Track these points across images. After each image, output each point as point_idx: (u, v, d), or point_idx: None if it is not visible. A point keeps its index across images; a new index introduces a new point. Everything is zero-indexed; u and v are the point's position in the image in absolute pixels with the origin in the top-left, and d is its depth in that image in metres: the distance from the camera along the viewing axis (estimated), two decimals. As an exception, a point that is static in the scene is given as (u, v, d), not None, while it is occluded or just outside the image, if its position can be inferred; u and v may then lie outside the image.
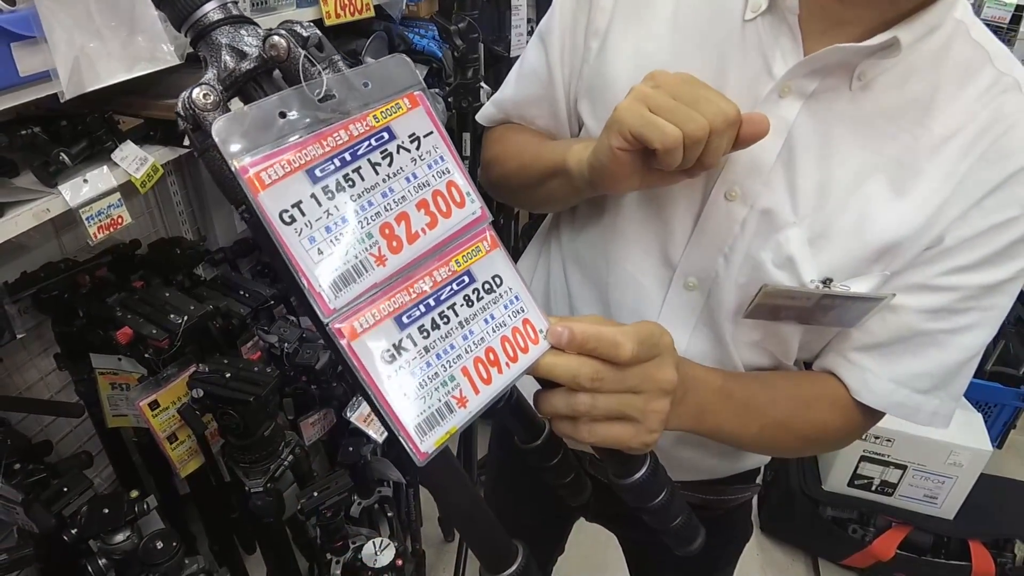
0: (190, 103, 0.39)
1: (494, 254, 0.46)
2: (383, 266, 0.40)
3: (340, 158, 0.40)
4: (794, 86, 0.60)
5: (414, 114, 0.43)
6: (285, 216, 0.37)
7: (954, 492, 1.89)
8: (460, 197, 0.45)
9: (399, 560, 1.24)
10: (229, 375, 1.07)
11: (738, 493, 0.91)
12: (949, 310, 0.63)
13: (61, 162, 0.92)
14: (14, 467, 1.12)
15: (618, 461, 0.53)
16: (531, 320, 0.47)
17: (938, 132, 0.59)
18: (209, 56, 0.42)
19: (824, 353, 0.71)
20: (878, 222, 0.61)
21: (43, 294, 1.21)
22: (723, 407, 0.62)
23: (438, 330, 0.42)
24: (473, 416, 0.43)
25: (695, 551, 0.56)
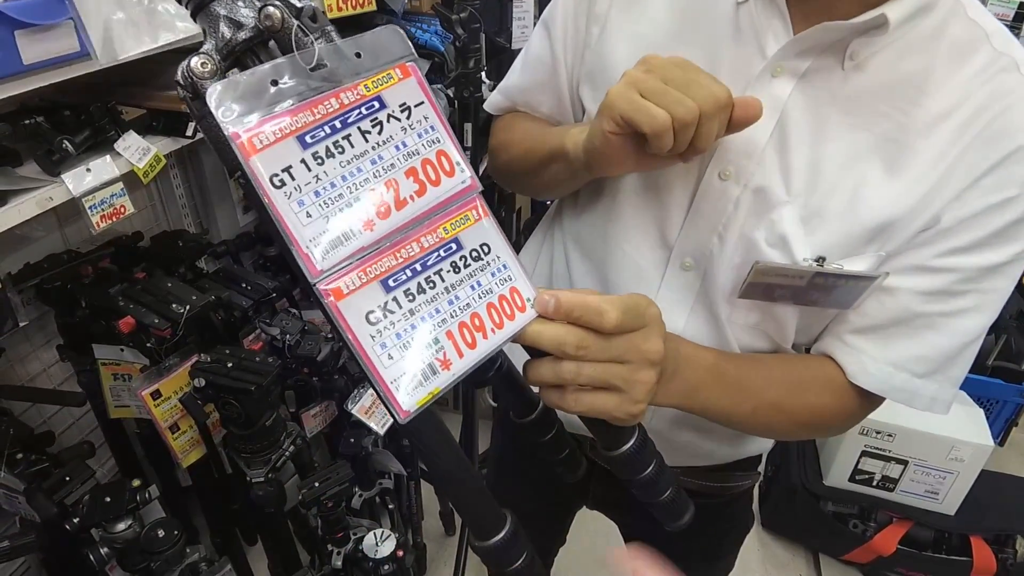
0: (189, 72, 0.40)
1: (483, 223, 0.47)
2: (371, 231, 0.42)
3: (330, 125, 0.41)
4: (787, 66, 0.61)
5: (405, 84, 0.44)
6: (275, 180, 0.39)
7: (955, 488, 1.88)
8: (450, 166, 0.46)
9: (400, 551, 1.25)
10: (231, 365, 1.08)
11: (739, 480, 0.91)
12: (947, 292, 0.62)
13: (64, 150, 0.93)
14: (16, 457, 1.13)
15: (606, 433, 0.54)
16: (518, 288, 0.48)
17: (933, 111, 0.59)
18: (208, 27, 0.43)
19: (822, 337, 0.71)
20: (871, 201, 0.61)
21: (46, 285, 1.22)
22: (715, 385, 0.62)
23: (424, 294, 0.44)
24: (456, 378, 0.44)
25: (684, 525, 0.57)
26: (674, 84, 0.52)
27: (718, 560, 1.04)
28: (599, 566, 1.96)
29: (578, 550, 1.96)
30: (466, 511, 0.48)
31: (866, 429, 1.86)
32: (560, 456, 0.60)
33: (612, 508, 1.04)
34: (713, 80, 0.53)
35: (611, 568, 1.58)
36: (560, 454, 0.59)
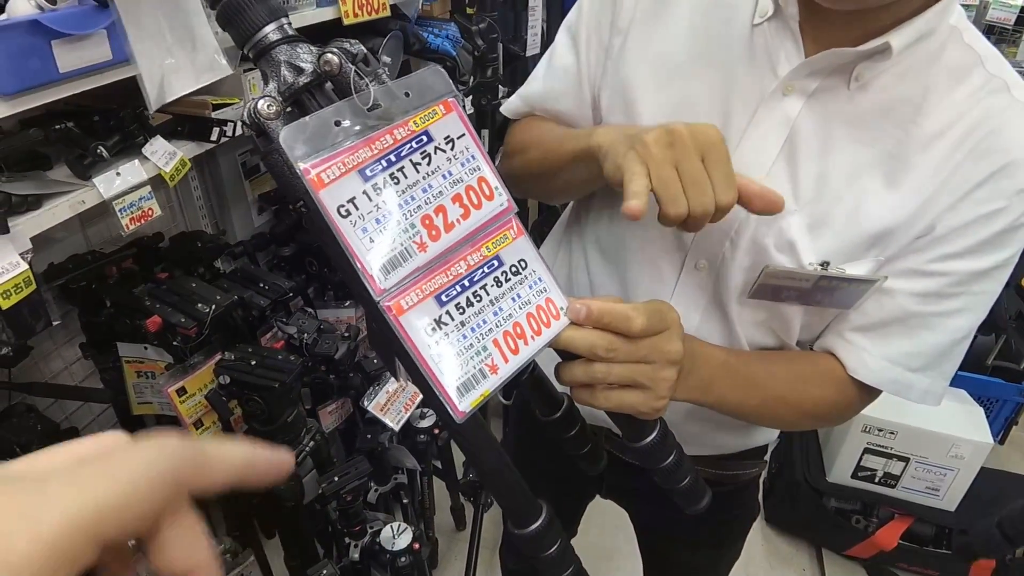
0: (255, 112, 0.45)
1: (519, 241, 0.51)
2: (424, 252, 0.46)
3: (386, 159, 0.45)
4: (797, 85, 0.65)
5: (449, 119, 0.49)
6: (342, 210, 0.43)
7: (956, 484, 1.91)
8: (489, 191, 0.50)
9: (416, 544, 1.28)
10: (255, 362, 1.11)
11: (746, 469, 0.96)
12: (940, 294, 0.67)
13: (99, 155, 0.96)
14: (43, 452, 1.15)
15: (631, 426, 0.58)
16: (552, 299, 0.53)
17: (930, 129, 0.64)
18: (269, 71, 0.48)
19: (824, 334, 0.76)
20: (872, 211, 0.66)
21: (71, 285, 1.25)
22: (726, 380, 0.67)
23: (472, 307, 0.48)
24: (503, 382, 0.49)
25: (703, 509, 0.61)
26: (686, 179, 0.54)
27: (725, 547, 1.08)
28: (608, 559, 1.99)
29: (587, 543, 1.99)
30: (506, 502, 0.52)
31: (868, 427, 1.89)
32: (583, 451, 0.63)
33: (624, 496, 1.08)
34: (725, 182, 0.55)
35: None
36: (583, 448, 0.63)
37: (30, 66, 0.88)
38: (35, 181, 0.97)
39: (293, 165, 0.42)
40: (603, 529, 2.03)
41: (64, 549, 0.20)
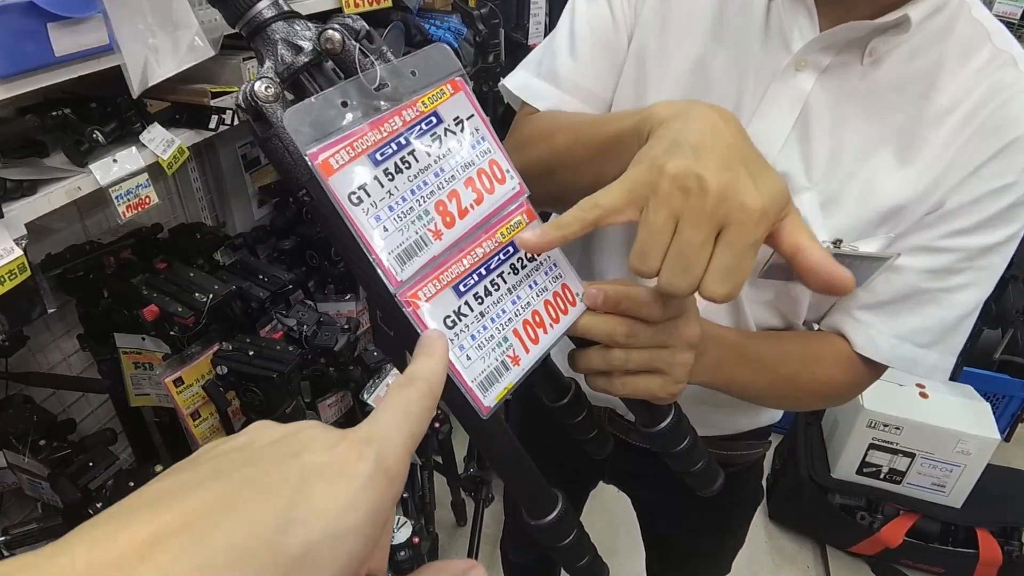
0: (252, 95, 0.41)
1: (532, 225, 0.49)
2: (439, 240, 0.43)
3: (396, 142, 0.42)
4: (810, 60, 0.64)
5: (457, 98, 0.46)
6: (353, 198, 0.40)
7: (962, 480, 1.90)
8: (501, 174, 0.48)
9: (416, 538, 1.27)
10: (252, 353, 1.10)
11: (749, 449, 0.95)
12: (948, 270, 0.67)
13: (95, 140, 0.95)
14: (39, 443, 1.14)
15: (647, 412, 0.56)
16: (568, 285, 0.50)
17: (941, 104, 0.63)
18: (265, 50, 0.45)
19: (831, 313, 0.75)
20: (884, 188, 0.65)
21: (68, 275, 1.24)
22: (736, 361, 0.66)
23: (490, 296, 0.46)
24: (526, 373, 0.46)
25: (716, 491, 0.60)
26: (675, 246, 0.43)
27: (729, 533, 1.07)
28: (611, 554, 1.98)
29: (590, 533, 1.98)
30: (522, 493, 0.50)
31: (874, 422, 1.87)
32: (589, 436, 0.62)
33: (626, 481, 1.08)
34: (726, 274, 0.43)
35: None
36: (590, 434, 0.62)
37: (26, 49, 0.87)
38: (31, 167, 0.96)
39: (298, 150, 0.39)
40: (606, 525, 2.02)
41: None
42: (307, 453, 0.25)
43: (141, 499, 0.22)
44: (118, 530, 0.20)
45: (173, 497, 0.22)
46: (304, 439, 0.26)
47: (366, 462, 0.25)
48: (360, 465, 0.25)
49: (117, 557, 0.19)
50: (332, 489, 0.24)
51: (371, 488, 0.25)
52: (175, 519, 0.21)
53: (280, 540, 0.21)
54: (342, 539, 0.23)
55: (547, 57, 0.77)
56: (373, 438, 0.27)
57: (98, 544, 0.20)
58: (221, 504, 0.22)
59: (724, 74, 0.68)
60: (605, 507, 1.14)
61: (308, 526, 0.22)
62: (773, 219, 0.44)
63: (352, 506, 0.24)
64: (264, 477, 0.23)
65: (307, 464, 0.24)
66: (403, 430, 0.28)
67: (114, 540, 0.20)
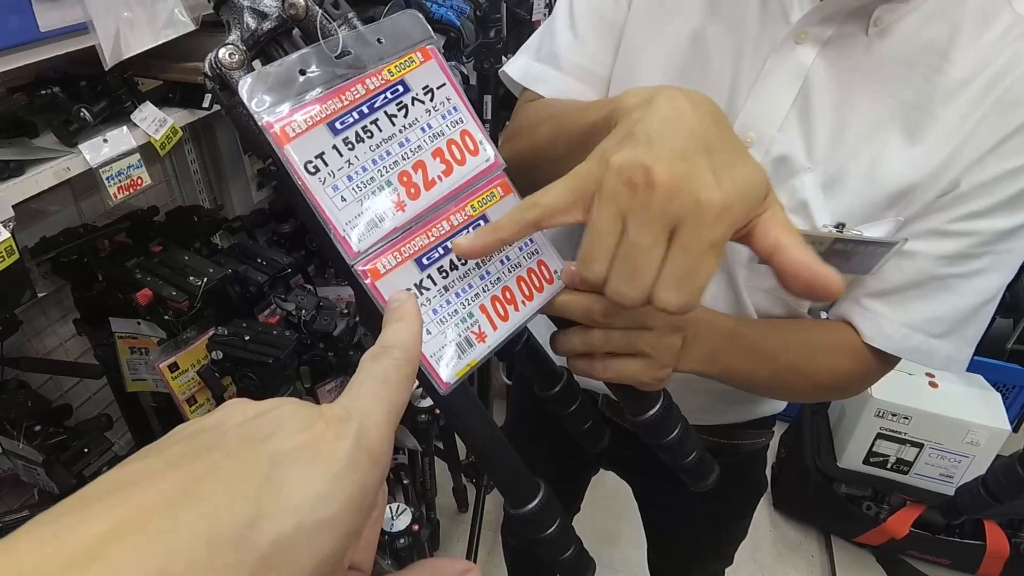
0: (217, 63, 0.41)
1: (508, 198, 0.47)
2: (402, 211, 0.43)
3: (358, 111, 0.42)
4: (810, 33, 0.60)
5: (427, 67, 0.45)
6: (309, 167, 0.40)
7: (970, 472, 1.87)
8: (474, 145, 0.46)
9: (415, 526, 1.25)
10: (248, 338, 1.08)
11: (751, 439, 0.92)
12: (963, 255, 0.63)
13: (82, 119, 0.92)
14: (35, 429, 1.13)
15: (633, 398, 0.54)
16: (545, 261, 0.49)
17: (955, 77, 0.58)
18: (232, 19, 0.44)
19: (838, 301, 0.71)
20: (892, 167, 0.61)
21: (62, 259, 1.22)
22: (734, 350, 0.63)
23: (456, 271, 0.44)
24: (491, 351, 0.45)
25: (710, 486, 0.57)
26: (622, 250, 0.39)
27: (731, 523, 1.05)
28: (611, 542, 1.97)
29: (590, 527, 1.97)
30: (501, 480, 0.48)
31: (882, 411, 1.85)
32: (584, 427, 0.60)
33: (626, 468, 1.05)
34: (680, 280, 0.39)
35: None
36: (584, 424, 0.60)
37: (10, 25, 0.84)
38: (18, 147, 0.94)
39: (255, 118, 0.38)
40: (606, 512, 2.01)
41: None
42: (279, 435, 0.23)
43: (99, 489, 0.20)
44: (70, 526, 0.19)
45: (131, 488, 0.20)
46: (277, 418, 0.24)
47: (345, 442, 0.23)
48: (338, 446, 0.23)
49: (67, 557, 0.18)
50: (306, 476, 0.22)
51: (351, 472, 0.23)
52: (131, 514, 0.19)
53: (247, 536, 0.19)
54: (319, 532, 0.21)
55: (546, 39, 0.76)
56: (352, 415, 0.25)
57: (47, 542, 0.18)
58: (182, 496, 0.20)
59: (719, 49, 0.64)
60: (606, 494, 1.12)
61: (279, 519, 0.20)
62: (739, 216, 0.39)
63: (329, 494, 0.22)
64: (230, 464, 0.21)
65: (279, 448, 0.22)
66: (383, 403, 0.27)
67: (64, 538, 0.18)
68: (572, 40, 0.73)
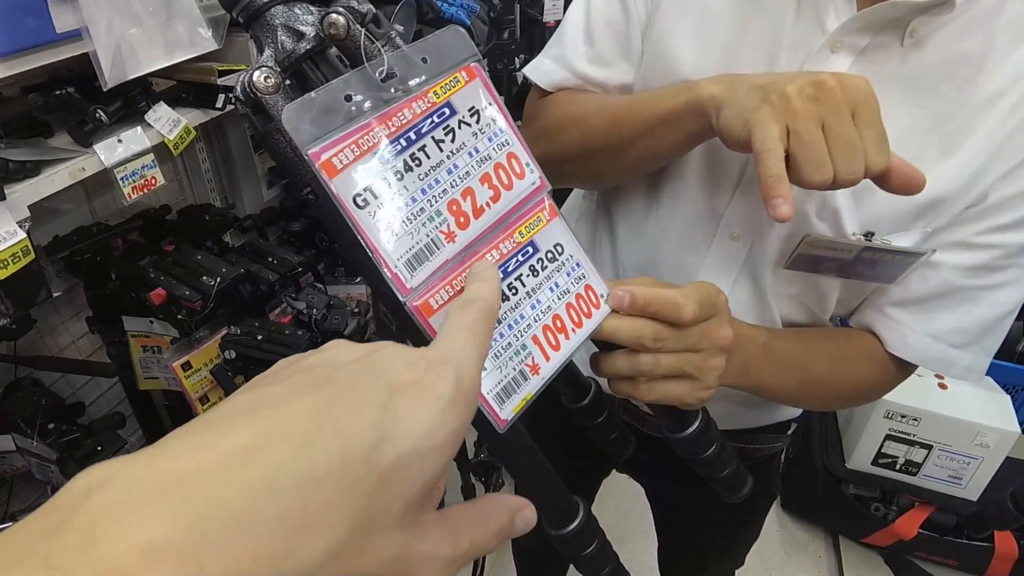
0: (251, 86, 0.39)
1: (554, 223, 0.46)
2: (453, 242, 0.40)
3: (406, 138, 0.39)
4: (846, 42, 0.60)
5: (472, 87, 0.43)
6: (359, 200, 0.37)
7: (979, 473, 1.86)
8: (520, 168, 0.45)
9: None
10: (261, 337, 1.08)
11: (768, 443, 0.93)
12: (988, 267, 0.63)
13: (98, 119, 0.93)
14: (48, 427, 1.14)
15: (673, 417, 0.54)
16: (592, 286, 0.48)
17: (989, 89, 0.58)
18: (264, 37, 0.42)
19: (861, 309, 0.72)
20: None
21: (76, 257, 1.22)
22: (765, 364, 0.63)
23: (508, 301, 0.43)
24: (546, 382, 0.44)
25: (744, 497, 0.58)
26: (836, 140, 0.48)
27: (745, 525, 1.05)
28: (621, 542, 1.97)
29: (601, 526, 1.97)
30: (544, 503, 0.48)
31: (891, 413, 1.84)
32: (610, 437, 0.60)
33: (639, 471, 1.05)
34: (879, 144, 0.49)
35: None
36: (611, 434, 0.59)
37: (27, 25, 0.85)
38: (34, 147, 0.94)
39: (299, 149, 0.36)
40: (615, 511, 2.01)
41: None
42: (390, 371, 0.25)
43: (233, 409, 0.23)
44: (217, 437, 0.20)
45: (265, 409, 0.22)
46: (385, 357, 0.26)
47: (447, 382, 0.26)
48: (441, 385, 0.26)
49: (222, 460, 0.20)
50: (418, 408, 0.24)
51: (453, 409, 0.25)
52: (273, 428, 0.21)
53: (373, 454, 0.22)
54: (428, 456, 0.24)
55: (566, 40, 0.76)
56: (449, 359, 0.27)
57: (200, 448, 0.20)
58: (315, 417, 0.22)
59: (753, 53, 0.64)
60: (615, 493, 1.12)
61: (398, 443, 0.23)
62: None
63: (438, 425, 0.24)
64: (352, 393, 0.24)
65: (392, 383, 0.25)
66: (473, 349, 0.29)
67: (215, 445, 0.20)
68: (583, 48, 0.74)
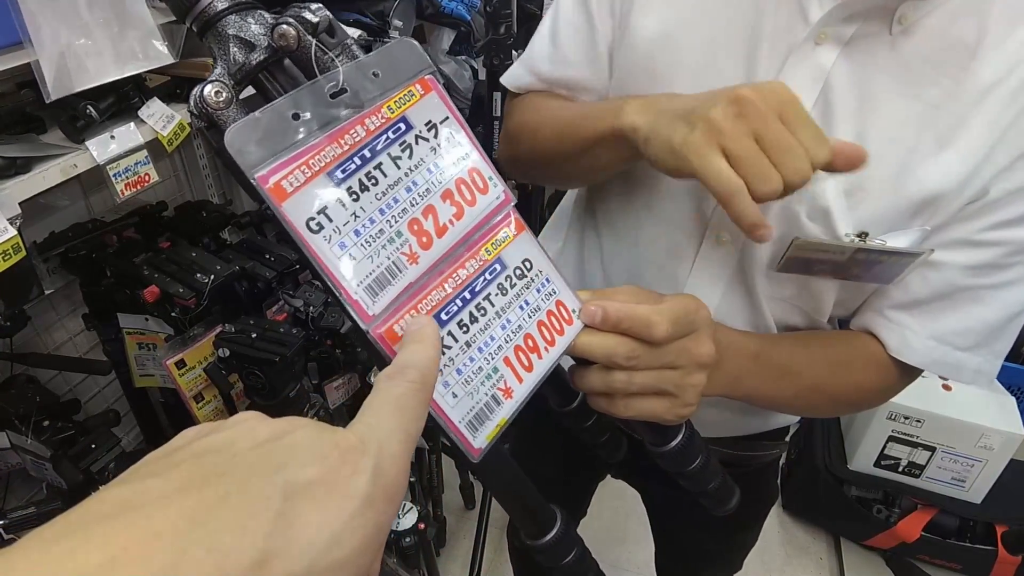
0: (202, 101, 0.37)
1: (521, 237, 0.44)
2: (416, 264, 0.39)
3: (360, 156, 0.38)
4: (831, 33, 0.57)
5: (428, 100, 0.41)
6: (312, 224, 0.35)
7: (983, 476, 1.84)
8: (483, 183, 0.43)
9: (421, 524, 1.25)
10: (255, 335, 1.07)
11: (765, 451, 0.91)
12: (993, 266, 0.60)
13: (88, 115, 0.92)
14: (43, 424, 1.13)
15: (654, 431, 0.53)
16: (563, 301, 0.46)
17: (984, 78, 0.55)
18: (218, 49, 0.40)
19: (861, 311, 0.69)
20: (919, 174, 0.58)
21: (71, 254, 1.22)
22: (758, 373, 0.61)
23: (476, 323, 0.41)
24: (519, 406, 0.42)
25: (731, 510, 0.56)
26: (773, 147, 0.47)
27: (742, 531, 1.03)
28: (620, 543, 1.96)
29: (599, 527, 1.96)
30: (517, 513, 0.47)
31: (894, 414, 1.82)
32: (601, 439, 0.58)
33: (635, 477, 1.04)
34: (816, 138, 0.47)
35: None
36: (601, 437, 0.58)
37: (4, 23, 0.83)
38: (25, 144, 0.93)
39: (247, 174, 0.34)
40: (615, 512, 2.00)
41: None
42: (293, 465, 0.22)
43: (101, 509, 0.19)
44: (70, 551, 0.18)
45: (135, 512, 0.19)
46: (290, 445, 0.23)
47: (361, 478, 0.22)
48: (354, 483, 0.22)
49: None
50: (321, 513, 0.21)
51: (367, 511, 0.22)
52: (134, 543, 0.18)
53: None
54: (330, 574, 0.20)
55: (533, 43, 0.77)
56: (368, 446, 0.24)
57: (45, 566, 0.17)
58: (188, 527, 0.19)
59: (731, 48, 0.62)
60: (613, 494, 1.10)
61: (290, 559, 0.19)
62: None
63: (344, 534, 0.21)
64: (241, 495, 0.20)
65: (292, 481, 0.21)
66: (400, 432, 0.26)
67: (63, 565, 0.17)
68: (548, 52, 0.75)
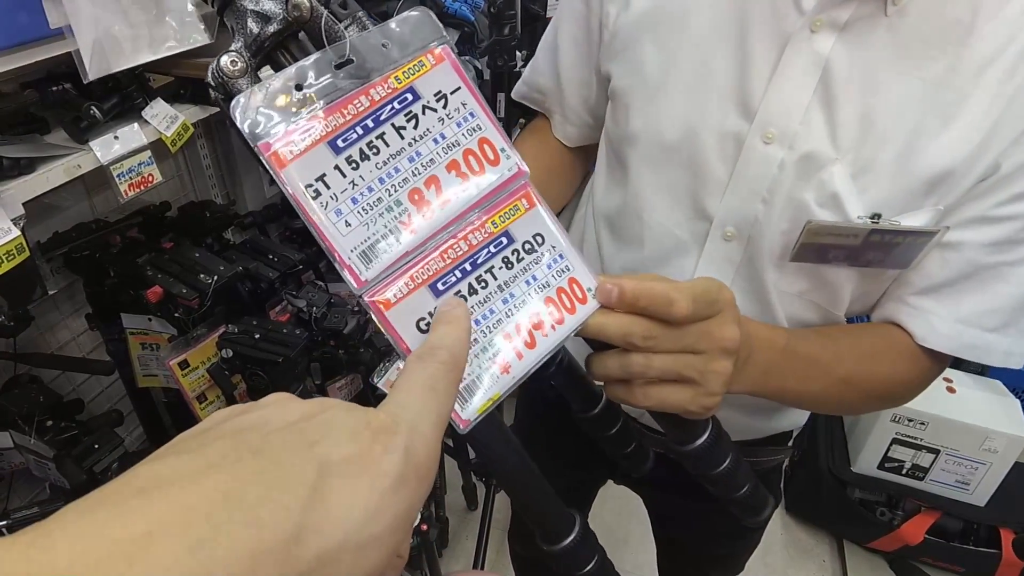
0: (219, 72, 0.39)
1: (534, 212, 0.44)
2: (414, 234, 0.39)
3: (362, 126, 0.38)
4: (826, 19, 0.58)
5: (439, 70, 0.41)
6: (310, 190, 0.37)
7: (987, 478, 1.84)
8: (494, 154, 0.42)
9: (424, 525, 1.25)
10: (258, 336, 1.07)
11: (770, 455, 0.90)
12: (1012, 241, 0.59)
13: (92, 116, 0.92)
14: (46, 424, 1.13)
15: (678, 426, 0.50)
16: (578, 279, 0.45)
17: (983, 52, 0.55)
18: (235, 24, 0.41)
19: (882, 303, 0.68)
20: (926, 152, 0.58)
21: (74, 254, 1.22)
22: (788, 367, 0.59)
23: (475, 295, 0.41)
24: (517, 381, 0.42)
25: (763, 521, 0.53)
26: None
27: (744, 537, 1.03)
28: (623, 544, 1.96)
29: (601, 528, 1.96)
30: (532, 515, 0.46)
31: (898, 416, 1.82)
32: (626, 450, 0.56)
33: (638, 482, 1.03)
34: None
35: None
36: (626, 448, 0.56)
37: (20, 21, 0.84)
38: (29, 144, 0.94)
39: (248, 140, 0.36)
40: (616, 513, 1.99)
41: None
42: (326, 442, 0.22)
43: (136, 482, 0.19)
44: (107, 521, 0.17)
45: (171, 486, 0.19)
46: (324, 423, 0.23)
47: (394, 457, 0.22)
48: (387, 461, 0.22)
49: (104, 555, 0.17)
50: (354, 491, 0.21)
51: (399, 491, 0.22)
52: (171, 515, 0.18)
53: (291, 550, 0.19)
54: (364, 550, 0.20)
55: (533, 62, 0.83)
56: (400, 426, 0.24)
57: (83, 538, 0.17)
58: (225, 501, 0.19)
59: (722, 40, 0.62)
60: (616, 494, 1.10)
61: (324, 535, 0.19)
62: None
63: (377, 512, 0.21)
64: (276, 471, 0.20)
65: (326, 458, 0.21)
66: (431, 413, 0.26)
67: (101, 535, 0.17)
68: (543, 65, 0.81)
